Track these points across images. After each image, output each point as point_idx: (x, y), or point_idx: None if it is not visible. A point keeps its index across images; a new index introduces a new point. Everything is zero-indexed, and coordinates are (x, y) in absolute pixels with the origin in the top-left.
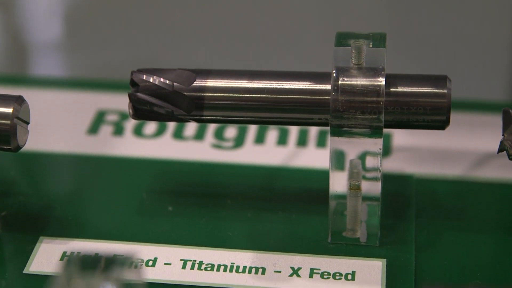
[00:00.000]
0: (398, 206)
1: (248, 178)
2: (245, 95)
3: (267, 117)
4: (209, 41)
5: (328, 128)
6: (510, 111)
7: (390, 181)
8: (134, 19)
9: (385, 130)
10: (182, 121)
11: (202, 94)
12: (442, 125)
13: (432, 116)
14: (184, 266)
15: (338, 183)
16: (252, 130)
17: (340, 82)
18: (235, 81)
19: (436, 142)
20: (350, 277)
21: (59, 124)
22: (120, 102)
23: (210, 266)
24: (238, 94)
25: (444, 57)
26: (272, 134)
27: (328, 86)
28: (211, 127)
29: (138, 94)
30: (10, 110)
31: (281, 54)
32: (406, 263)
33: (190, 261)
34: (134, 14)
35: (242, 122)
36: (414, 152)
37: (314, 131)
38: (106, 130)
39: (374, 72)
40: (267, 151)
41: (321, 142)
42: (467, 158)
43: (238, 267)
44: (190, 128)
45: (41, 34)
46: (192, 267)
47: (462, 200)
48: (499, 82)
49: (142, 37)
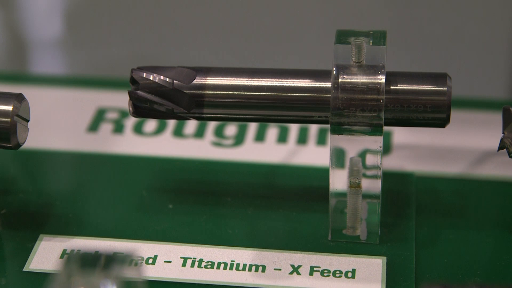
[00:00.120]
0: (398, 204)
1: (248, 176)
2: (245, 93)
3: (267, 115)
4: (209, 38)
5: (328, 126)
6: (510, 109)
7: (390, 179)
8: (134, 17)
9: (385, 128)
10: (182, 119)
11: (202, 92)
12: (442, 123)
13: (432, 114)
14: (184, 264)
15: (338, 181)
16: (252, 128)
17: (340, 80)
18: (235, 79)
19: (436, 140)
20: (350, 275)
21: (59, 122)
22: (120, 100)
23: (210, 264)
24: (238, 92)
25: (444, 55)
26: (272, 132)
27: (328, 84)
28: (211, 125)
29: (138, 92)
30: (10, 108)
31: (281, 52)
32: (406, 261)
33: (190, 259)
34: (134, 12)
35: (242, 120)
36: (414, 150)
37: (314, 129)
38: (106, 128)
39: (374, 70)
40: (267, 149)
41: (321, 140)
42: (467, 156)
43: (238, 265)
44: (190, 126)
45: (41, 32)
46: (192, 265)
47: (462, 198)
48: (499, 80)
49: (142, 35)
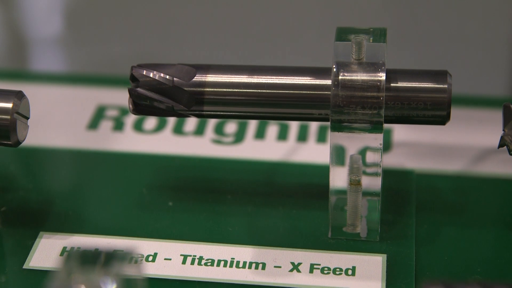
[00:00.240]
0: (399, 201)
1: (248, 174)
2: (245, 90)
3: (267, 112)
4: (209, 36)
5: (328, 123)
6: (511, 106)
7: (391, 176)
8: (134, 14)
9: (385, 125)
10: (182, 116)
11: (202, 89)
12: (442, 120)
13: (432, 111)
14: (184, 261)
15: (339, 178)
16: (252, 125)
17: (340, 77)
18: (235, 76)
19: (436, 137)
20: (350, 272)
21: (59, 119)
22: (120, 97)
23: (210, 261)
24: (238, 89)
25: (444, 52)
26: (272, 129)
27: (328, 81)
28: (211, 122)
29: (138, 89)
30: (10, 105)
31: (281, 49)
32: (406, 258)
33: (190, 256)
34: (134, 9)
35: (242, 117)
36: (414, 147)
37: (314, 126)
38: (106, 125)
39: (374, 67)
40: (267, 147)
41: (321, 137)
42: (468, 154)
43: (238, 263)
44: (190, 123)
45: (41, 29)
46: (192, 262)
47: (463, 195)
48: (500, 77)
49: (142, 32)
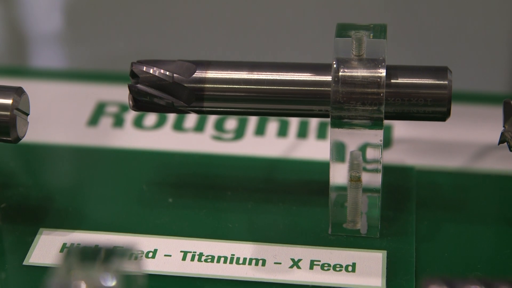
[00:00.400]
0: (399, 197)
1: (248, 170)
2: (245, 87)
3: (268, 108)
4: (209, 32)
5: (328, 119)
6: (511, 103)
7: (391, 172)
8: (134, 11)
9: (385, 122)
10: (182, 112)
11: (202, 86)
12: (442, 116)
13: (432, 107)
14: (184, 258)
15: (339, 175)
16: (252, 121)
17: (340, 74)
18: (235, 72)
19: (436, 133)
20: (350, 268)
21: (59, 115)
22: (120, 93)
23: (210, 257)
24: (238, 86)
25: (444, 48)
26: (272, 125)
27: (328, 78)
28: (211, 119)
29: (138, 85)
30: (9, 101)
31: (281, 45)
32: (406, 255)
33: (190, 252)
34: (134, 6)
35: (242, 114)
36: (414, 143)
37: (314, 123)
38: (106, 121)
39: (374, 63)
40: (268, 143)
41: (321, 134)
42: (468, 150)
43: (238, 259)
44: (190, 119)
45: (41, 26)
46: (192, 259)
47: (463, 191)
48: (500, 73)
49: (142, 28)
